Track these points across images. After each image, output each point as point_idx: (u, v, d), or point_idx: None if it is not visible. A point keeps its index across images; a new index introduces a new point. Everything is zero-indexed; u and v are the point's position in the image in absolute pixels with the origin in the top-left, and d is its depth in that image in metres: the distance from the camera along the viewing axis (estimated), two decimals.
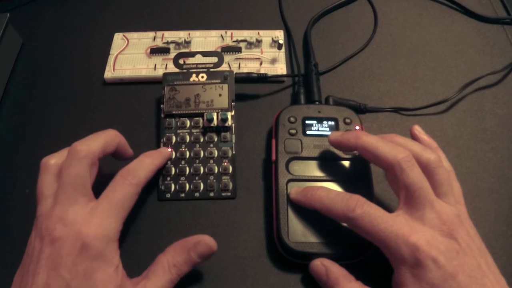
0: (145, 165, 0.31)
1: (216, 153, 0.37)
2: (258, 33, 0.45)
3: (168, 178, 0.36)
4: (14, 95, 0.42)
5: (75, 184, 0.28)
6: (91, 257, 0.26)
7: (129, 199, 0.29)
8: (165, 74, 0.39)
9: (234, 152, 0.37)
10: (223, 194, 0.36)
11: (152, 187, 0.36)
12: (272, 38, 0.44)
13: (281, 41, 0.42)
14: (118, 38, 0.45)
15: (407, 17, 0.48)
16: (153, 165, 0.32)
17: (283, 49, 0.43)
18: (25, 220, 0.34)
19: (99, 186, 0.30)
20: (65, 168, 0.28)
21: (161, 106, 0.38)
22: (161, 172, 0.36)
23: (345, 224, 0.30)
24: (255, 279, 0.32)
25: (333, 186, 0.33)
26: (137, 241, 0.33)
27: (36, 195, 0.29)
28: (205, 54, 0.41)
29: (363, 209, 0.28)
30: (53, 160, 0.30)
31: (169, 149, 0.36)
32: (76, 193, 0.27)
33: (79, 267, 0.25)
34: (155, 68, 0.42)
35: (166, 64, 0.42)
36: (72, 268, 0.25)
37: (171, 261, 0.28)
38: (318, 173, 0.34)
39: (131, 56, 0.43)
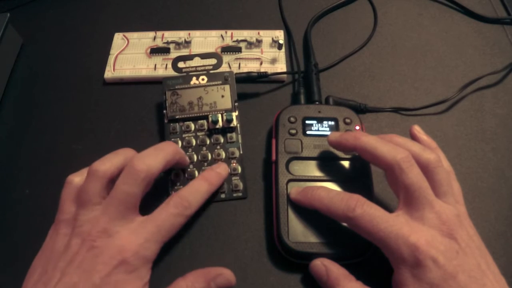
0: (200, 194, 0.31)
1: (223, 155, 0.36)
2: (258, 33, 0.45)
3: (178, 184, 0.35)
4: (14, 95, 0.42)
5: (127, 202, 0.28)
6: (126, 271, 0.27)
7: (175, 228, 0.29)
8: (165, 79, 0.39)
9: (241, 152, 0.37)
10: (234, 194, 0.35)
11: (157, 190, 0.34)
12: (272, 38, 0.44)
13: (281, 41, 0.42)
14: (118, 38, 0.45)
15: (407, 17, 0.48)
16: (209, 193, 0.32)
17: (283, 49, 0.43)
18: (25, 220, 0.35)
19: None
20: (121, 184, 0.29)
21: (164, 111, 0.37)
22: (170, 178, 0.35)
23: (345, 224, 0.30)
24: (255, 279, 0.32)
25: (333, 186, 0.33)
26: None
27: (81, 195, 0.29)
28: (203, 56, 0.41)
29: (363, 209, 0.28)
30: (104, 167, 0.29)
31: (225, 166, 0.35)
32: (126, 210, 0.28)
33: (112, 277, 0.26)
34: (155, 68, 0.42)
35: (166, 64, 0.42)
36: (105, 277, 0.26)
37: (191, 287, 0.28)
38: (318, 173, 0.34)
39: (131, 56, 0.43)
